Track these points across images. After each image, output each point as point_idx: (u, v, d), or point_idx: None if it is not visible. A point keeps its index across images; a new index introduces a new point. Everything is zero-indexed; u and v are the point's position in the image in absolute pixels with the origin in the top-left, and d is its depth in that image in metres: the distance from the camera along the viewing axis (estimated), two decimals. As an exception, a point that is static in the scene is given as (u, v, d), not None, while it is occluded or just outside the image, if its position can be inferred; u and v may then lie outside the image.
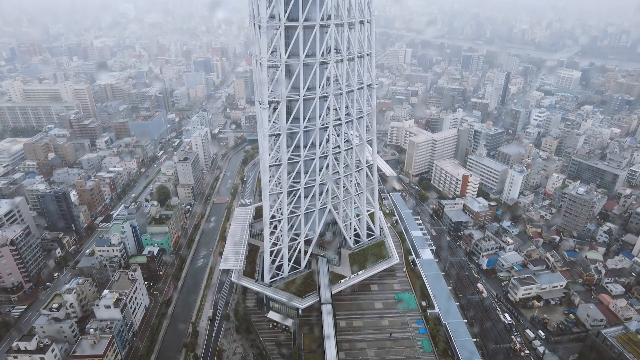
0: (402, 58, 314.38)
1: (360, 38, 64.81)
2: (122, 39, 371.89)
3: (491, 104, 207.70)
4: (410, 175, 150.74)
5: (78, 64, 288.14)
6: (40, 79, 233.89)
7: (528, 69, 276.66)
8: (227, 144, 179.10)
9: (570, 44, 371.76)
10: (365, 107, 71.83)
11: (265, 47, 57.48)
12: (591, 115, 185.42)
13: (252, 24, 60.51)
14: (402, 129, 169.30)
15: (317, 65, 62.03)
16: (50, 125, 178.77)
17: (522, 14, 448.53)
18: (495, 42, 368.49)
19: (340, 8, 61.01)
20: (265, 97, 60.70)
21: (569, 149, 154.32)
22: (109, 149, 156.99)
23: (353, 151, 74.48)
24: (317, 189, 71.88)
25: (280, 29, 57.70)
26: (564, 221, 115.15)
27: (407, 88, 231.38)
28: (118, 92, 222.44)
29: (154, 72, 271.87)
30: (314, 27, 59.10)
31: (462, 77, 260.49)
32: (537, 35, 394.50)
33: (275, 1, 56.61)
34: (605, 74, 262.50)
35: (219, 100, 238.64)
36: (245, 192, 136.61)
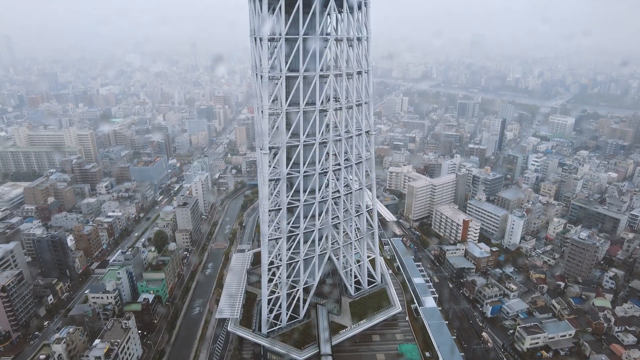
0: (399, 106, 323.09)
1: (358, 87, 66.87)
2: (127, 87, 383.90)
3: (488, 150, 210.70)
4: (411, 220, 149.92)
5: (83, 111, 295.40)
6: (45, 125, 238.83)
7: (523, 115, 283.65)
8: (227, 188, 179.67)
9: (562, 91, 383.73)
10: (364, 152, 72.74)
11: (267, 96, 59.21)
12: (587, 160, 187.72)
13: (254, 74, 62.65)
14: (401, 174, 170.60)
15: (317, 113, 63.51)
16: (51, 170, 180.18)
17: (514, 64, 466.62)
18: (490, 90, 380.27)
19: (339, 60, 63.44)
20: (266, 143, 61.65)
21: (568, 194, 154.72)
22: (109, 194, 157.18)
23: (352, 196, 74.51)
24: (316, 234, 71.18)
25: (281, 79, 59.65)
26: (568, 267, 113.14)
27: (404, 135, 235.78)
28: (121, 138, 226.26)
29: (157, 118, 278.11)
30: (313, 77, 61.12)
31: (458, 124, 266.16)
32: (530, 84, 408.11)
33: (277, 53, 59.00)
34: (598, 120, 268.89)
35: (220, 147, 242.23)
36: (244, 237, 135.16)
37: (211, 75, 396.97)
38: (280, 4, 55.96)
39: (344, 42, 62.91)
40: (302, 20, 56.94)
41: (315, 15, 57.50)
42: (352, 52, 64.07)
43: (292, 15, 56.46)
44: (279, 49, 58.34)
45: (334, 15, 60.17)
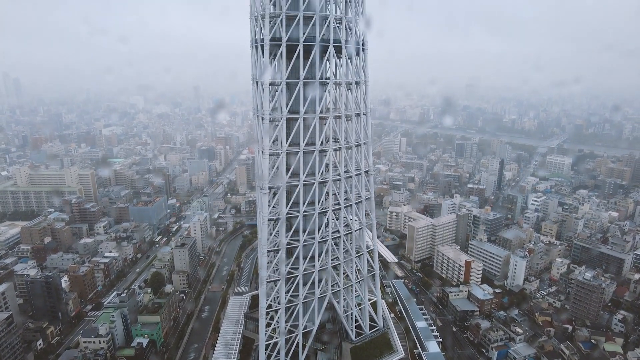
0: (398, 147, 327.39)
1: (357, 129, 68.03)
2: (129, 128, 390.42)
3: (488, 190, 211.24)
4: (412, 261, 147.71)
5: (85, 151, 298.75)
6: (46, 165, 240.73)
7: (521, 155, 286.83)
8: (226, 228, 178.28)
9: (557, 132, 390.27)
10: (364, 192, 72.83)
11: (267, 137, 60.12)
12: (587, 199, 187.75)
13: (255, 116, 63.94)
14: (401, 214, 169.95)
15: (317, 153, 64.18)
16: (50, 209, 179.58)
17: (510, 106, 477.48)
18: (487, 131, 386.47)
19: (338, 102, 64.97)
20: (266, 183, 61.86)
21: (570, 233, 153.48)
22: (107, 234, 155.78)
23: (353, 236, 73.80)
24: (316, 276, 69.82)
25: (282, 121, 60.78)
26: (575, 309, 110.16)
27: (403, 174, 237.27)
28: (121, 178, 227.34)
29: (158, 159, 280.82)
30: (313, 119, 62.32)
31: (457, 164, 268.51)
32: (526, 125, 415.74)
33: (278, 95, 60.52)
34: (595, 159, 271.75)
35: (220, 186, 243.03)
36: (242, 279, 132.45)
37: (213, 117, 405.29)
38: (282, 50, 57.99)
39: (342, 86, 64.71)
40: (303, 65, 58.80)
41: (315, 61, 59.45)
42: (350, 95, 65.70)
43: (293, 61, 58.36)
44: (280, 92, 59.86)
45: (333, 60, 62.23)
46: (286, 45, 57.53)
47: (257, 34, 59.11)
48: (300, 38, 57.31)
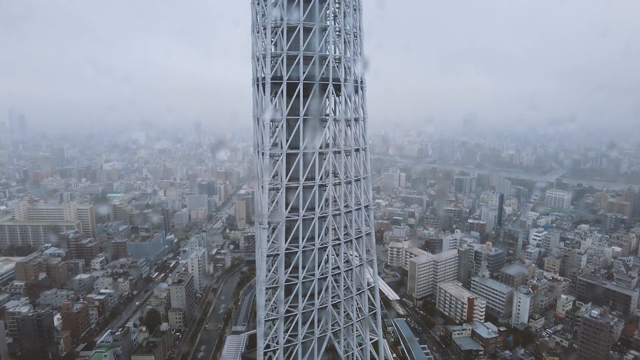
0: (397, 181, 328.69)
1: (356, 164, 68.46)
2: (130, 163, 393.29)
3: (488, 225, 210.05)
4: (414, 298, 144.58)
5: (85, 185, 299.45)
6: (46, 199, 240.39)
7: (520, 190, 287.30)
8: (224, 265, 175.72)
9: (556, 167, 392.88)
10: (364, 227, 72.35)
11: (268, 172, 60.39)
12: (589, 234, 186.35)
13: (255, 152, 64.52)
14: (402, 250, 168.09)
15: (316, 188, 64.23)
16: (46, 244, 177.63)
17: (507, 142, 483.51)
18: (485, 166, 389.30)
19: (338, 138, 65.75)
20: (265, 218, 61.53)
21: (574, 269, 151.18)
22: (103, 270, 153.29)
23: (353, 272, 72.54)
24: (315, 315, 68.00)
25: (282, 156, 61.26)
26: (583, 349, 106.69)
27: (403, 209, 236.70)
28: (120, 213, 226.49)
29: (158, 194, 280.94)
30: (313, 153, 62.85)
31: (456, 199, 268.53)
32: (524, 160, 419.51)
33: (278, 131, 61.31)
34: (595, 194, 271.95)
35: (219, 222, 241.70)
36: (239, 318, 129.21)
37: (214, 152, 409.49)
38: (282, 88, 59.36)
39: (342, 123, 65.71)
40: (303, 103, 60.00)
41: (315, 99, 60.71)
42: (350, 131, 66.59)
43: (293, 98, 59.61)
44: (280, 129, 60.72)
45: (333, 98, 63.55)
46: (287, 83, 58.93)
47: (258, 73, 60.67)
48: (301, 77, 58.78)
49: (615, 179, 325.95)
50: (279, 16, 57.72)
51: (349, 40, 61.60)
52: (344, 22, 60.33)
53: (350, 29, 61.26)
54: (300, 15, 57.00)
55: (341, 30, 60.61)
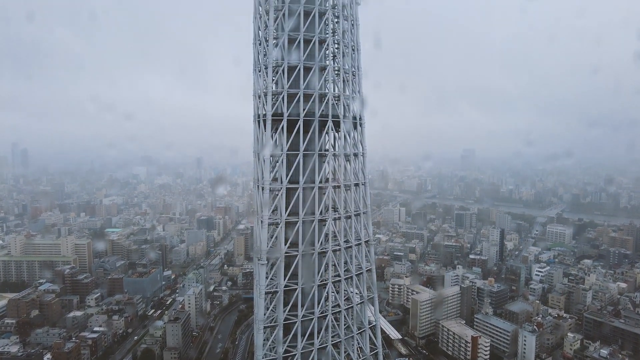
0: (397, 216, 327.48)
1: (356, 198, 68.60)
2: (130, 197, 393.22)
3: (490, 261, 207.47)
4: (417, 337, 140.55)
5: (84, 220, 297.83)
6: (43, 234, 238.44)
7: (521, 225, 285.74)
8: (222, 302, 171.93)
9: (555, 201, 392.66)
10: (365, 263, 71.49)
11: (267, 207, 60.40)
12: (593, 269, 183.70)
13: (255, 186, 64.82)
14: (403, 287, 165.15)
15: (316, 223, 64.02)
16: (41, 280, 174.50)
17: (505, 176, 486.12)
18: (485, 201, 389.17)
19: (337, 172, 66.25)
20: (264, 253, 60.94)
21: (579, 306, 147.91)
22: (99, 307, 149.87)
23: (354, 310, 70.93)
24: (315, 355, 65.94)
25: (282, 191, 61.50)
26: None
27: (404, 245, 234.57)
28: (118, 248, 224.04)
29: (157, 229, 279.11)
30: (313, 188, 63.11)
31: (457, 234, 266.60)
32: (524, 195, 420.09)
33: (278, 166, 61.89)
34: (596, 228, 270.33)
35: (217, 257, 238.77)
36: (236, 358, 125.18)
37: (214, 187, 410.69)
38: (283, 124, 60.51)
39: (341, 158, 66.43)
40: (303, 139, 60.95)
41: (315, 135, 61.76)
42: (349, 166, 67.20)
43: (293, 134, 60.62)
44: (280, 163, 61.33)
45: (332, 134, 64.60)
46: (287, 120, 60.12)
47: (259, 110, 62.02)
48: (301, 113, 60.05)
49: (616, 213, 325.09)
50: (280, 56, 59.63)
51: (348, 79, 63.35)
52: (342, 62, 62.27)
53: (349, 68, 63.14)
54: (300, 56, 58.92)
55: (340, 69, 62.45)
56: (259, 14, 60.55)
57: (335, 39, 61.68)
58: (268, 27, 58.51)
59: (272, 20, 58.05)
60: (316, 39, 58.76)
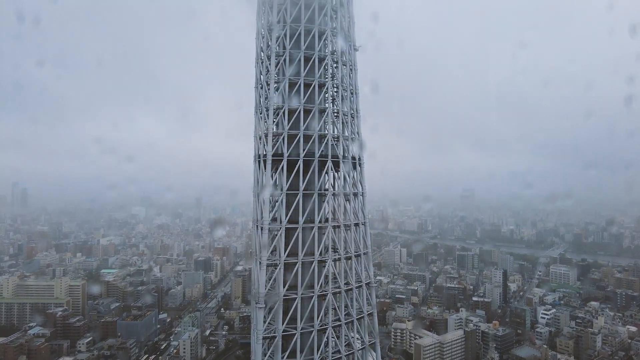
0: (398, 257, 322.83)
1: (356, 238, 67.93)
2: (128, 238, 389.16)
3: (493, 303, 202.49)
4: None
5: (80, 261, 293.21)
6: (37, 275, 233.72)
7: (523, 266, 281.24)
8: (218, 347, 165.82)
9: (557, 241, 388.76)
10: (366, 306, 69.64)
11: (266, 247, 59.67)
12: (600, 312, 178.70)
13: (254, 226, 64.35)
14: (406, 331, 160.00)
15: (316, 264, 63.04)
16: (31, 324, 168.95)
17: (506, 216, 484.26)
18: (486, 241, 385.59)
19: (337, 212, 66.02)
20: (262, 296, 59.50)
21: (589, 351, 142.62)
22: (90, 352, 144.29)
23: (355, 356, 68.27)
24: (314, 404, 62.78)
25: (281, 231, 61.03)
26: None
27: (406, 287, 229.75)
28: (113, 289, 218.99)
29: (154, 270, 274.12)
30: (312, 228, 62.65)
31: (459, 276, 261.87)
32: (525, 235, 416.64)
33: (278, 206, 61.78)
34: (600, 269, 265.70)
35: (214, 300, 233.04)
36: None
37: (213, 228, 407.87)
38: (283, 164, 61.06)
39: (341, 197, 66.43)
40: (302, 178, 61.29)
41: (314, 175, 62.16)
42: (349, 206, 67.06)
43: (293, 174, 61.01)
44: (280, 203, 61.27)
45: (332, 173, 65.02)
46: (287, 160, 60.73)
47: (260, 150, 62.79)
48: (301, 154, 60.77)
49: (620, 253, 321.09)
50: (281, 99, 61.13)
51: (347, 121, 64.60)
52: (341, 105, 63.70)
53: (347, 111, 64.51)
54: (300, 99, 60.40)
55: (339, 111, 63.77)
56: (260, 59, 62.69)
57: (334, 82, 63.52)
58: (270, 71, 60.42)
59: (274, 65, 60.04)
60: (316, 83, 60.51)
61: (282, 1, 59.84)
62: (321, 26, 60.62)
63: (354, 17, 65.14)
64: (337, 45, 62.75)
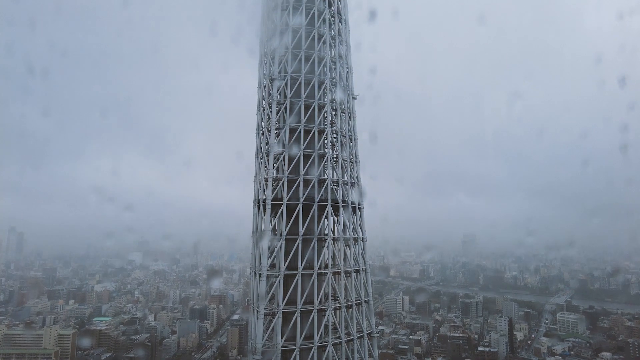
0: (401, 305, 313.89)
1: (357, 285, 66.44)
2: (123, 284, 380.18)
3: (500, 353, 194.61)
4: None
5: (72, 308, 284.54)
6: (27, 323, 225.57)
7: (529, 313, 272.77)
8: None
9: (562, 287, 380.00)
10: (367, 358, 66.78)
11: (264, 294, 58.18)
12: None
13: (252, 272, 63.17)
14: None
15: (315, 313, 61.22)
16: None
17: (509, 262, 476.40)
18: (490, 288, 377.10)
19: (337, 258, 65.08)
20: (259, 347, 57.25)
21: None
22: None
23: (356, 413, 64.53)
24: None
25: (280, 277, 59.85)
26: None
27: (409, 337, 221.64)
28: (105, 339, 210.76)
29: (148, 318, 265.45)
30: (312, 275, 61.46)
31: (463, 324, 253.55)
32: (529, 281, 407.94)
33: (277, 252, 60.96)
34: (610, 317, 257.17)
35: (210, 351, 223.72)
36: None
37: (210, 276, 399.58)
38: (282, 209, 60.98)
39: (341, 242, 65.73)
40: (302, 222, 60.96)
41: (314, 219, 61.90)
42: (349, 252, 66.18)
43: (292, 219, 60.75)
44: (279, 249, 60.52)
45: (331, 218, 64.75)
46: (286, 204, 60.72)
47: (259, 195, 62.95)
48: (300, 198, 60.85)
49: (628, 300, 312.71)
50: (281, 145, 62.18)
51: (346, 166, 65.27)
52: (341, 150, 64.65)
53: (347, 156, 65.39)
54: (300, 145, 61.41)
55: (339, 157, 64.60)
56: (262, 107, 64.45)
57: (333, 129, 64.91)
58: (270, 118, 61.87)
59: (275, 112, 61.59)
60: (315, 129, 61.84)
61: (283, 54, 62.49)
62: (320, 76, 62.90)
63: (352, 67, 67.76)
64: (336, 94, 64.76)
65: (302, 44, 62.20)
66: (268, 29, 64.67)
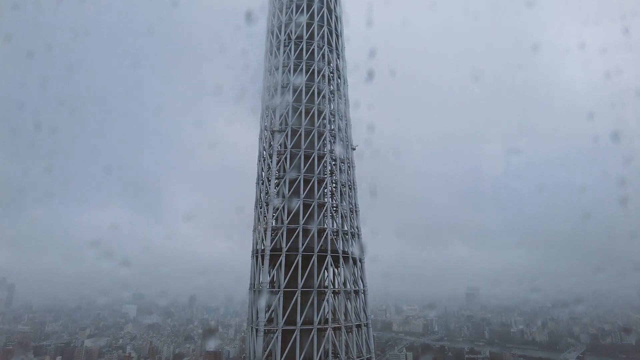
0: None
1: (358, 341, 63.81)
2: (115, 339, 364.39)
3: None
4: None
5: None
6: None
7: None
8: None
9: (573, 342, 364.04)
10: (370, 422, 62.63)
11: (261, 352, 55.74)
12: None
13: (249, 328, 60.92)
14: None
15: (314, 370, 58.17)
16: None
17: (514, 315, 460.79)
18: (496, 342, 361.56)
19: (337, 312, 63.01)
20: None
21: None
22: None
23: None
24: None
25: (277, 333, 57.71)
26: None
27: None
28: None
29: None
30: (311, 330, 59.26)
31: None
32: (536, 335, 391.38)
33: (275, 305, 59.14)
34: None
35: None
36: None
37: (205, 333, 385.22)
38: (281, 259, 60.05)
39: (341, 295, 63.97)
40: (301, 274, 59.76)
41: (314, 270, 60.77)
42: (350, 305, 64.25)
43: (291, 270, 59.62)
44: (277, 302, 58.90)
45: (331, 269, 63.51)
46: (285, 254, 59.83)
47: (258, 245, 62.20)
48: (300, 248, 60.04)
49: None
50: (281, 195, 62.47)
51: (346, 215, 65.06)
52: (340, 200, 64.79)
53: (346, 205, 65.38)
54: (300, 194, 61.68)
55: (338, 206, 64.60)
56: (262, 157, 65.45)
57: (333, 178, 65.45)
58: (271, 168, 62.61)
59: (275, 163, 62.42)
60: (315, 179, 62.38)
61: (284, 107, 64.60)
62: (320, 128, 64.47)
63: (350, 120, 69.73)
64: (335, 145, 66.06)
65: (303, 98, 64.40)
66: (270, 85, 67.28)
